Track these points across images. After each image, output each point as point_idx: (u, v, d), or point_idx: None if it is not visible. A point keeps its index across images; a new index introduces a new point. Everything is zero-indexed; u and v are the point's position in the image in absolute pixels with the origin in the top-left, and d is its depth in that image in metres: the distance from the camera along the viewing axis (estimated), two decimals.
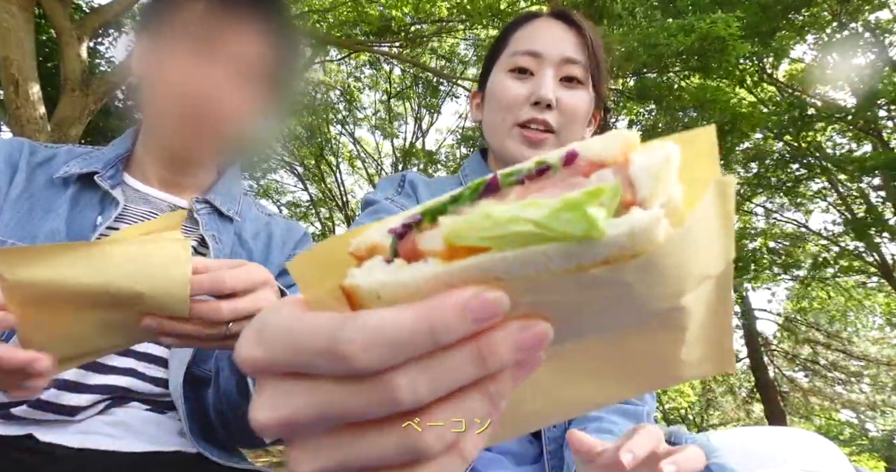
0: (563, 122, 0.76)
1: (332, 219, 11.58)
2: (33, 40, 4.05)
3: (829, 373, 12.64)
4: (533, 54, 0.77)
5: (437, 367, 0.19)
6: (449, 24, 7.80)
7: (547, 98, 0.74)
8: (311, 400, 0.20)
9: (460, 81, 8.96)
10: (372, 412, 0.19)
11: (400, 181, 0.85)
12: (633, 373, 0.29)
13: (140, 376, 0.71)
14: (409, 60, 8.35)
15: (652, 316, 0.24)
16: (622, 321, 0.24)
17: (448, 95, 10.36)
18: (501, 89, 0.79)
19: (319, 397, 0.20)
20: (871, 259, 8.57)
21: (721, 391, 15.97)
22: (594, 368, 0.28)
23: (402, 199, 0.81)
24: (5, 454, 0.60)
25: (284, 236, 0.93)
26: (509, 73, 0.79)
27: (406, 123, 11.05)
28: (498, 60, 0.83)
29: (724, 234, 0.24)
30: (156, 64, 0.74)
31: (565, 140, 0.76)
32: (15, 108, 3.94)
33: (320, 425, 0.20)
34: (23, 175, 0.76)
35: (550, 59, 0.77)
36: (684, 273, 0.22)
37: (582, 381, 0.28)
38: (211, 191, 0.87)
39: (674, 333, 0.26)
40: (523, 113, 0.76)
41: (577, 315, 0.23)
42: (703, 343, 0.27)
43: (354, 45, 7.21)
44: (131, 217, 0.77)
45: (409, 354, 0.19)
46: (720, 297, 0.26)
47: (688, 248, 0.21)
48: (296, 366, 0.20)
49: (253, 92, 0.76)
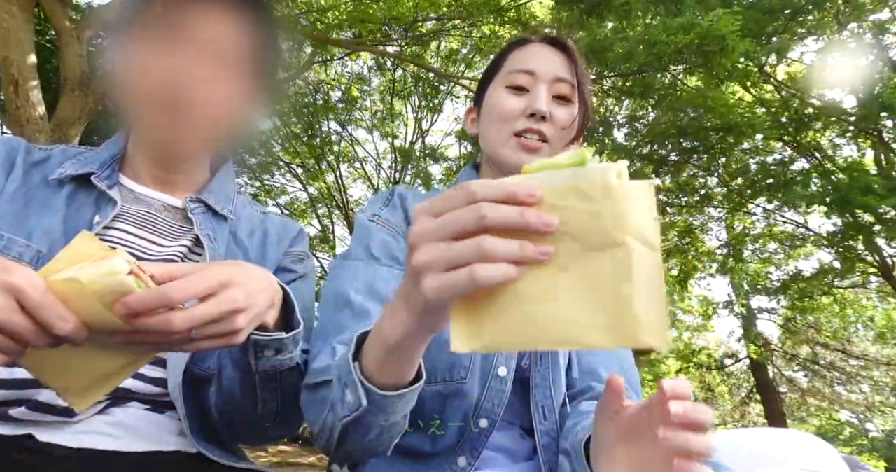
0: (554, 133, 0.84)
1: (331, 217, 11.57)
2: (33, 40, 4.05)
3: (829, 373, 12.64)
4: (528, 72, 0.85)
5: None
6: (449, 22, 7.79)
7: (542, 110, 0.82)
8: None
9: (460, 81, 8.97)
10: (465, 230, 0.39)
11: (388, 196, 0.90)
12: (594, 314, 0.37)
13: (139, 376, 0.71)
14: (410, 60, 8.35)
15: (609, 245, 0.37)
16: (591, 241, 0.38)
17: (448, 95, 10.35)
18: (500, 102, 0.86)
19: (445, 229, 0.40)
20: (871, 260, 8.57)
21: (720, 392, 15.97)
22: (565, 294, 0.38)
23: (387, 212, 0.86)
24: (4, 455, 0.60)
25: (280, 233, 0.93)
26: (507, 89, 0.87)
27: (406, 124, 11.05)
28: (495, 78, 0.90)
29: (651, 219, 0.38)
30: (128, 57, 0.73)
31: (556, 150, 0.83)
32: (15, 108, 3.94)
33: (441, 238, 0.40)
34: (19, 171, 0.76)
35: (544, 77, 0.85)
36: (627, 219, 0.37)
37: (554, 303, 0.38)
38: (205, 190, 0.87)
39: (624, 270, 0.37)
40: (519, 124, 0.83)
41: (566, 226, 0.38)
42: (648, 313, 0.36)
43: (354, 44, 7.21)
44: (127, 217, 0.77)
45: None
46: (657, 278, 0.37)
47: (628, 202, 0.37)
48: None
49: (232, 80, 0.74)
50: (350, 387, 0.55)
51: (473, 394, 0.76)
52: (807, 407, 14.06)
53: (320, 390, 0.63)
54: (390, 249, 0.81)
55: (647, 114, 7.77)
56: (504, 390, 0.78)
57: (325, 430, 0.61)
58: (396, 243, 0.82)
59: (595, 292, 0.38)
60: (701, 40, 4.89)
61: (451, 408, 0.76)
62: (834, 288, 10.03)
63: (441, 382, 0.76)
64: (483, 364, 0.78)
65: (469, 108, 1.00)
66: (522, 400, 0.84)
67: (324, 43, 7.25)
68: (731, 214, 10.11)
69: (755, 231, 10.48)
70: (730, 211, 9.83)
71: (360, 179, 12.06)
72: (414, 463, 0.77)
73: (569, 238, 0.38)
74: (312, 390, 0.65)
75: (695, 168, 8.24)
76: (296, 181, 11.25)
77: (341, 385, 0.57)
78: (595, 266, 0.38)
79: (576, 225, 0.38)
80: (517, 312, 0.39)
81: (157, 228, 0.79)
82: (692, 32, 4.90)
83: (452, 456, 0.76)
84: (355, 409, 0.55)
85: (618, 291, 0.37)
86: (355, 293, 0.74)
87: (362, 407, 0.54)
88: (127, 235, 0.76)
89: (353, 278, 0.76)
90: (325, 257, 11.58)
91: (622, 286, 0.37)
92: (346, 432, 0.59)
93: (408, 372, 0.54)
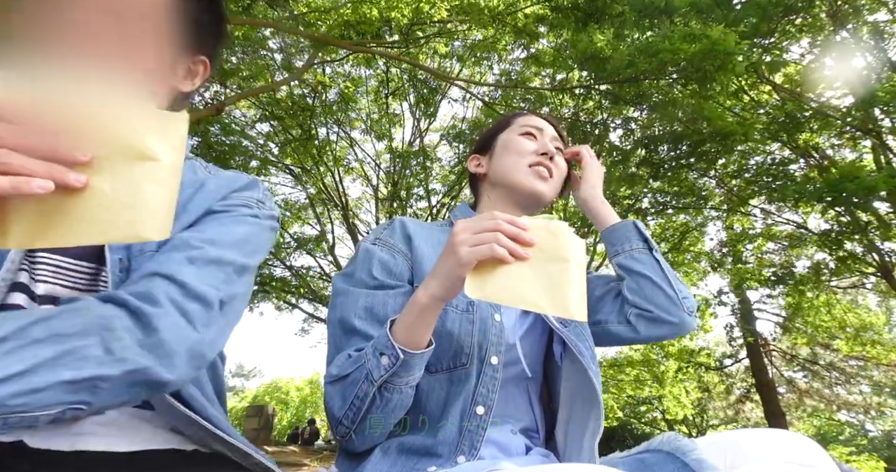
0: (556, 173, 1.09)
1: (330, 217, 11.54)
2: None
3: (828, 373, 12.65)
4: (537, 128, 1.13)
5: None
6: (448, 25, 7.81)
7: (551, 151, 1.08)
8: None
9: (457, 82, 8.98)
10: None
11: (389, 223, 1.05)
12: (547, 293, 0.69)
13: None
14: (408, 61, 8.35)
15: (559, 259, 0.71)
16: (550, 255, 0.71)
17: (444, 97, 10.38)
18: (518, 142, 1.10)
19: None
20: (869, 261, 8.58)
21: (718, 392, 15.97)
22: (532, 279, 0.70)
23: (387, 234, 1.00)
24: None
25: (220, 184, 0.77)
26: (521, 135, 1.12)
27: (403, 125, 11.06)
28: (505, 131, 1.15)
29: (581, 250, 0.73)
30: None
31: (553, 188, 1.10)
32: None
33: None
34: None
35: (547, 134, 1.13)
36: (569, 248, 0.72)
37: (526, 282, 0.70)
38: None
39: (566, 273, 0.70)
40: (533, 158, 1.07)
41: (540, 245, 0.72)
42: (575, 296, 0.70)
43: (353, 46, 7.21)
44: None
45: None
46: (582, 280, 0.72)
47: (570, 239, 0.73)
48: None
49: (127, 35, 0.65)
50: (386, 353, 0.76)
51: (472, 380, 0.87)
52: (804, 408, 14.06)
53: (342, 382, 0.82)
54: (388, 266, 0.94)
55: (642, 116, 7.78)
56: (496, 377, 0.89)
57: (353, 407, 0.79)
58: (394, 260, 0.95)
59: (548, 282, 0.70)
60: (704, 54, 4.91)
61: (454, 394, 0.87)
62: (832, 288, 10.04)
63: (447, 370, 0.88)
64: (479, 353, 0.89)
65: (473, 156, 1.19)
66: (515, 397, 0.96)
67: (324, 44, 7.26)
68: (730, 215, 10.11)
69: (753, 231, 10.49)
70: (728, 212, 9.84)
71: (360, 178, 12.06)
72: (415, 460, 0.82)
73: (539, 251, 0.71)
74: (336, 383, 0.83)
75: (691, 171, 8.24)
76: (294, 181, 11.24)
77: (377, 355, 0.77)
78: (551, 268, 0.71)
79: (543, 245, 0.72)
80: (505, 282, 0.70)
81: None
82: (697, 44, 4.92)
83: (452, 451, 0.82)
84: (391, 366, 0.76)
85: (560, 283, 0.70)
86: (358, 320, 0.88)
87: (398, 362, 0.75)
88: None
89: (355, 304, 0.90)
90: (320, 256, 11.56)
91: (563, 281, 0.70)
92: (374, 400, 0.78)
93: (425, 336, 0.78)
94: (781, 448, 0.69)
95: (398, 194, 10.99)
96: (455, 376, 0.88)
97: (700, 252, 11.29)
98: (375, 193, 11.85)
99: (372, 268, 0.93)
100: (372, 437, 0.83)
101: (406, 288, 0.92)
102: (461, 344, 0.88)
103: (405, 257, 0.96)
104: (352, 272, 0.95)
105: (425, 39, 8.21)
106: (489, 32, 7.72)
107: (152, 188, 0.44)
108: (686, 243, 10.72)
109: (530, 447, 0.92)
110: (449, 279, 0.74)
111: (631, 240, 1.03)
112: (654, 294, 0.98)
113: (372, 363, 0.77)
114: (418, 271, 0.94)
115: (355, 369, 0.80)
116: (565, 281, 0.69)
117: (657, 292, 0.98)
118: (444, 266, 0.75)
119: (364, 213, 12.54)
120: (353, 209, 11.72)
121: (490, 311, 0.93)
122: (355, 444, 0.84)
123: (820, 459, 0.68)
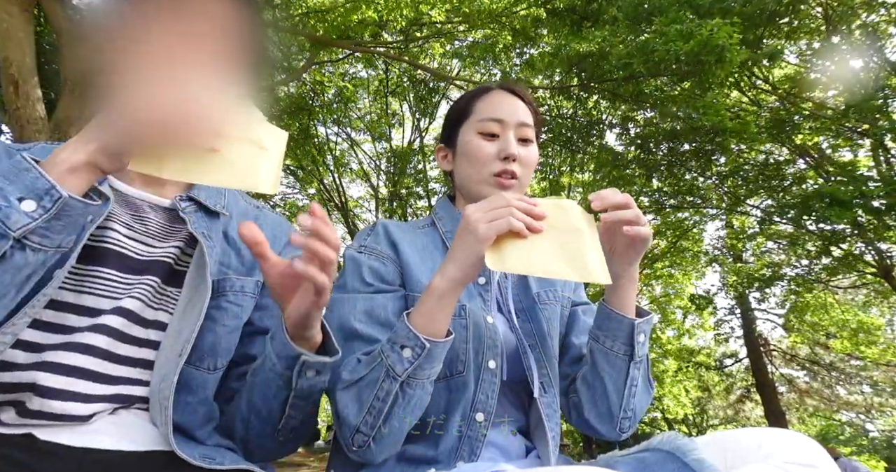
0: (522, 171, 1.00)
1: (330, 217, 11.52)
2: (33, 40, 4.05)
3: (828, 374, 12.65)
4: (497, 120, 1.00)
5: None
6: (447, 26, 7.80)
7: (513, 154, 0.98)
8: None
9: (457, 82, 8.98)
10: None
11: (370, 229, 1.03)
12: (565, 261, 0.72)
13: (146, 384, 0.72)
14: (407, 61, 8.35)
15: (572, 229, 0.75)
16: (563, 227, 0.75)
17: (443, 97, 10.37)
18: (476, 148, 1.01)
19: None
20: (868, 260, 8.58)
21: (718, 392, 15.96)
22: (549, 250, 0.72)
23: (371, 241, 0.98)
24: (4, 454, 0.60)
25: (275, 231, 0.91)
26: (479, 136, 1.01)
27: (402, 125, 11.06)
28: (465, 123, 1.04)
29: (591, 222, 0.77)
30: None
31: (524, 184, 1.02)
32: (15, 108, 3.94)
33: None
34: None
35: (510, 123, 1.00)
36: (579, 219, 0.77)
37: (543, 252, 0.72)
38: (194, 186, 0.85)
39: (580, 240, 0.74)
40: (496, 166, 0.99)
41: (551, 219, 0.76)
42: (593, 262, 0.73)
43: (353, 46, 7.21)
44: (116, 218, 0.75)
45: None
46: (597, 245, 0.75)
47: (579, 213, 0.78)
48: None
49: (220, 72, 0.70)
50: (408, 344, 0.74)
51: (470, 387, 0.85)
52: (805, 407, 14.06)
53: (357, 385, 0.78)
54: (380, 273, 0.92)
55: (639, 114, 7.77)
56: (495, 381, 0.87)
57: (373, 410, 0.76)
58: (384, 266, 0.93)
59: (566, 250, 0.73)
60: (699, 49, 4.90)
61: (454, 402, 0.85)
62: (832, 288, 10.04)
63: (444, 378, 0.86)
64: (475, 359, 0.87)
65: (439, 147, 1.12)
66: (514, 400, 0.94)
67: (324, 45, 7.25)
68: (730, 214, 10.11)
69: (753, 230, 10.49)
70: (727, 212, 9.84)
71: (360, 177, 12.06)
72: (414, 467, 0.82)
73: (552, 225, 0.74)
74: (349, 388, 0.78)
75: (688, 170, 8.25)
76: (293, 182, 11.23)
77: (396, 350, 0.75)
78: (566, 238, 0.74)
79: (555, 220, 0.75)
80: (524, 254, 0.71)
81: (147, 230, 0.78)
82: (692, 41, 4.91)
83: (452, 458, 0.82)
84: (415, 358, 0.74)
85: (577, 250, 0.73)
86: (359, 323, 0.86)
87: (423, 353, 0.74)
88: (118, 235, 0.74)
89: (353, 308, 0.88)
90: None
91: (580, 249, 0.73)
92: (396, 399, 0.75)
93: (445, 324, 0.77)
94: (782, 448, 0.69)
95: (398, 194, 11.00)
96: (453, 384, 0.86)
97: (699, 252, 11.29)
98: (375, 193, 11.85)
99: (363, 275, 0.91)
100: (391, 443, 0.78)
101: (401, 292, 0.91)
102: (456, 351, 0.86)
103: (394, 263, 0.94)
104: (343, 283, 0.92)
105: (424, 40, 8.21)
106: (487, 32, 7.72)
107: (264, 163, 0.64)
108: (685, 243, 10.71)
109: (530, 448, 0.92)
110: (469, 259, 0.73)
111: (617, 339, 0.88)
112: (600, 400, 0.92)
113: (392, 359, 0.74)
114: (407, 277, 0.93)
115: (371, 369, 0.76)
116: (582, 248, 0.72)
117: (602, 401, 0.91)
118: (461, 247, 0.74)
119: (364, 213, 12.54)
120: (353, 209, 11.70)
121: (482, 313, 0.91)
122: (373, 453, 0.78)
123: (820, 459, 0.68)
